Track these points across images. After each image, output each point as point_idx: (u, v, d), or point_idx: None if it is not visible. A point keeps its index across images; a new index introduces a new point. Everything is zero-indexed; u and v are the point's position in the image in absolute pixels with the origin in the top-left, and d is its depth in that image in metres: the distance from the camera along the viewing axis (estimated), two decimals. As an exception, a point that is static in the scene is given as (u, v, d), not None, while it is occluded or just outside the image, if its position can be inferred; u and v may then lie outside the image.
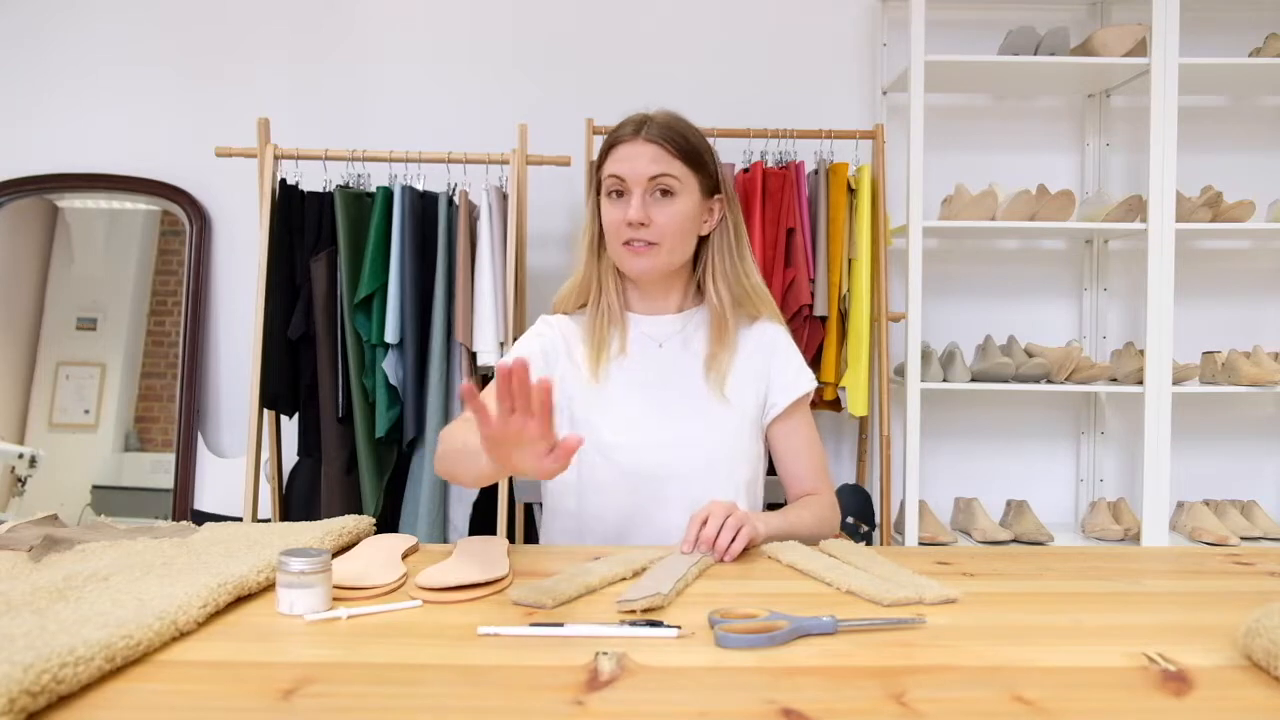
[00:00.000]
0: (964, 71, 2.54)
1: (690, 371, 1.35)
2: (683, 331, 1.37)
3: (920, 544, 2.46)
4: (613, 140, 1.31)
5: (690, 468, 1.30)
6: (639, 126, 1.29)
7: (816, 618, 0.80)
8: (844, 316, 2.46)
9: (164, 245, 2.76)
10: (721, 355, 1.34)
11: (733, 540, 1.09)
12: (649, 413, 1.32)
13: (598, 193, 1.34)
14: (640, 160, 1.27)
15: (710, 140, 1.37)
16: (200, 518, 2.59)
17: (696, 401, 1.33)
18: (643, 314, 1.38)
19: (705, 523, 1.10)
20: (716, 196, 1.35)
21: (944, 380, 2.50)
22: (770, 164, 2.45)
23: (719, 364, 1.33)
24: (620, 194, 1.29)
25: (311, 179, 2.38)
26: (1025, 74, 2.56)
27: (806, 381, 1.39)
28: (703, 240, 1.36)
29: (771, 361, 1.38)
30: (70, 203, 2.77)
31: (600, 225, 1.35)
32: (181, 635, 0.78)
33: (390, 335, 2.21)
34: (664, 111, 1.33)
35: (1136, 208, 2.46)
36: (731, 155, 2.45)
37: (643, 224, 1.27)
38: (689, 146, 1.30)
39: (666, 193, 1.28)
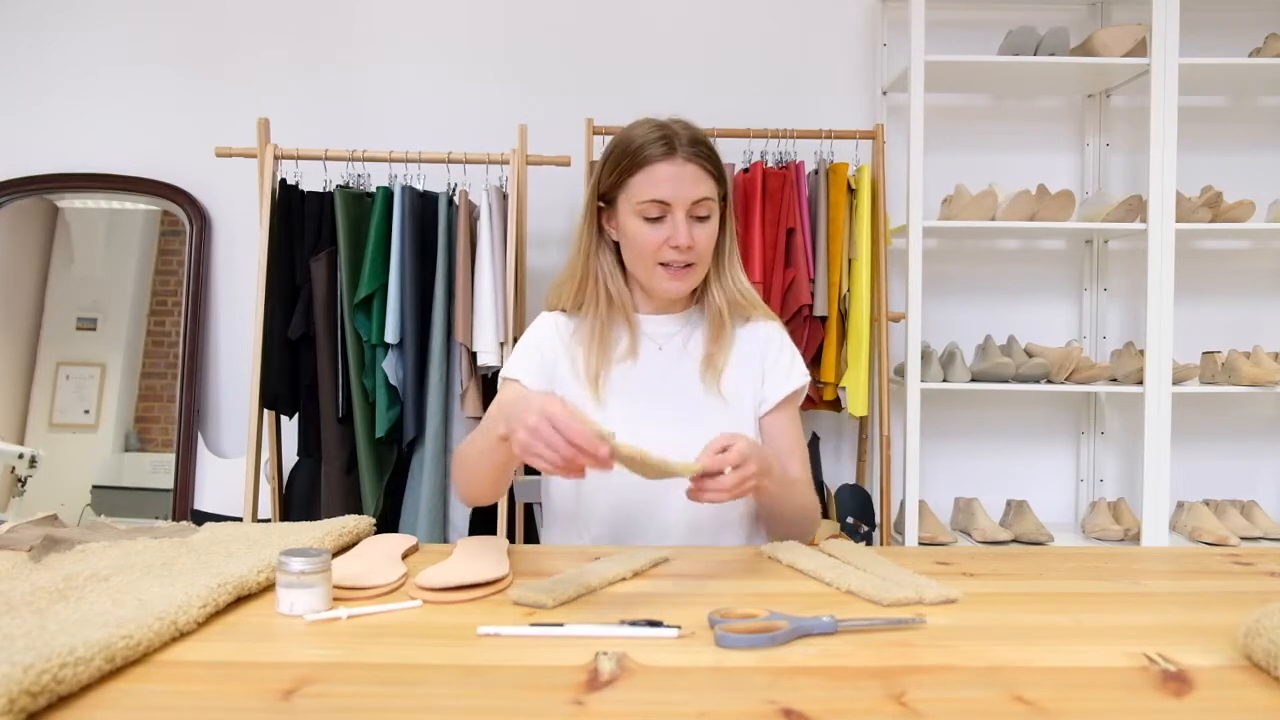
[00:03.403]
0: (964, 71, 2.54)
1: (689, 372, 1.34)
2: (681, 332, 1.38)
3: (920, 544, 2.46)
4: (642, 158, 1.27)
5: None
6: (669, 142, 1.26)
7: (816, 618, 0.80)
8: (844, 316, 2.46)
9: (164, 245, 2.76)
10: (719, 355, 1.34)
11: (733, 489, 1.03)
12: (648, 414, 1.32)
13: (600, 198, 1.33)
14: (683, 183, 1.26)
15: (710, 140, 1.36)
16: (200, 518, 2.60)
17: (695, 402, 1.33)
18: (644, 314, 1.38)
19: (721, 459, 1.03)
20: (725, 205, 1.35)
21: (944, 380, 2.50)
22: (770, 164, 2.45)
23: (716, 364, 1.33)
24: (659, 216, 1.27)
25: (311, 179, 2.38)
26: (1025, 74, 2.56)
27: (798, 377, 1.38)
28: None
29: (765, 358, 1.38)
30: (70, 203, 2.77)
31: (597, 238, 1.34)
32: (181, 635, 0.78)
33: (390, 335, 2.21)
34: (682, 122, 1.31)
35: (1136, 208, 2.46)
36: (731, 155, 2.45)
37: (690, 246, 1.27)
38: (717, 161, 1.31)
39: (704, 215, 1.28)
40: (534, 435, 0.91)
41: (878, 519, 2.53)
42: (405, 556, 1.10)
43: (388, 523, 2.27)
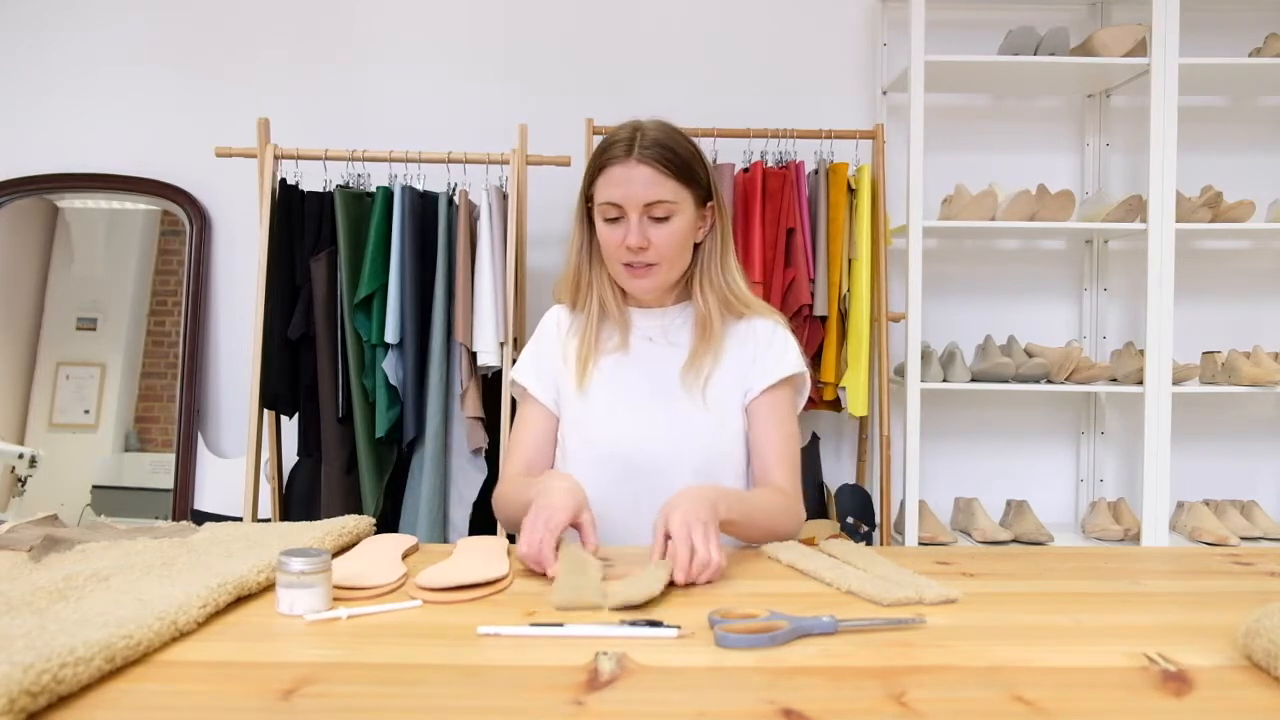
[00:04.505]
0: (964, 71, 2.54)
1: (674, 365, 1.35)
2: (672, 326, 1.39)
3: (920, 544, 2.46)
4: (604, 160, 1.29)
5: (674, 463, 1.30)
6: (630, 145, 1.27)
7: (816, 618, 0.80)
8: (844, 316, 2.46)
9: (164, 245, 2.76)
10: (704, 357, 1.34)
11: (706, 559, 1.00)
12: (632, 404, 1.34)
13: (587, 201, 1.34)
14: (634, 185, 1.26)
15: (709, 141, 1.36)
16: (200, 518, 2.60)
17: (678, 397, 1.33)
18: (632, 308, 1.40)
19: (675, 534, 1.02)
20: (709, 205, 1.35)
21: (944, 380, 2.50)
22: (770, 164, 2.45)
23: (700, 366, 1.33)
24: (617, 217, 1.29)
25: (311, 179, 2.38)
26: (1025, 74, 2.56)
27: (789, 366, 1.35)
28: (695, 245, 1.36)
29: (756, 349, 1.37)
30: (70, 203, 2.77)
31: (589, 235, 1.36)
32: (181, 635, 0.78)
33: (390, 335, 2.21)
34: (655, 122, 1.31)
35: (1136, 208, 2.46)
36: (731, 155, 2.45)
37: (642, 248, 1.28)
38: (681, 162, 1.28)
39: (663, 216, 1.28)
40: (528, 543, 1.04)
41: (878, 519, 2.53)
42: (405, 556, 1.09)
43: (388, 523, 2.27)
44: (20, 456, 2.64)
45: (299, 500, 2.40)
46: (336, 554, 1.09)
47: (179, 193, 2.69)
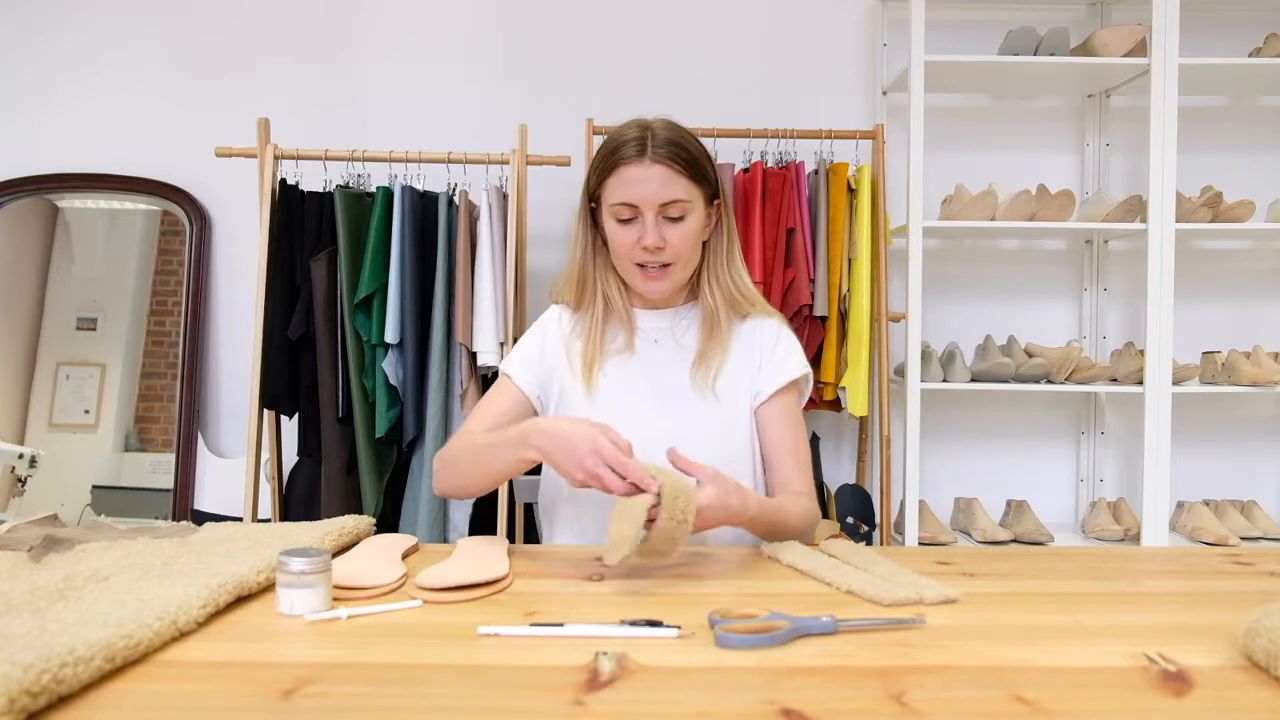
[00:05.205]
0: (964, 71, 2.54)
1: (682, 367, 1.35)
2: (677, 327, 1.38)
3: (920, 544, 2.46)
4: (615, 160, 1.28)
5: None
6: (641, 144, 1.26)
7: (816, 618, 0.80)
8: (844, 316, 2.46)
9: (164, 245, 2.76)
10: (713, 353, 1.34)
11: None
12: (641, 407, 1.33)
13: (591, 201, 1.34)
14: (650, 185, 1.25)
15: (709, 141, 1.36)
16: (200, 518, 2.60)
17: (688, 397, 1.33)
18: (640, 309, 1.40)
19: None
20: (715, 202, 1.35)
21: (944, 380, 2.50)
22: (770, 164, 2.45)
23: (709, 361, 1.33)
24: (630, 218, 1.28)
25: (311, 179, 2.38)
26: (1025, 74, 2.56)
27: (795, 368, 1.36)
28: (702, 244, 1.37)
29: (762, 351, 1.37)
30: (70, 203, 2.77)
31: (594, 235, 1.35)
32: (181, 635, 0.78)
33: (390, 335, 2.21)
34: (662, 121, 1.31)
35: (1136, 208, 2.46)
36: (731, 155, 2.45)
37: (659, 248, 1.27)
38: (693, 160, 1.28)
39: (678, 216, 1.28)
40: (593, 479, 1.03)
41: (878, 519, 2.53)
42: (405, 556, 1.10)
43: (388, 523, 2.27)
44: (20, 456, 2.64)
45: (299, 500, 2.40)
46: (336, 554, 1.09)
47: (179, 193, 2.69)
